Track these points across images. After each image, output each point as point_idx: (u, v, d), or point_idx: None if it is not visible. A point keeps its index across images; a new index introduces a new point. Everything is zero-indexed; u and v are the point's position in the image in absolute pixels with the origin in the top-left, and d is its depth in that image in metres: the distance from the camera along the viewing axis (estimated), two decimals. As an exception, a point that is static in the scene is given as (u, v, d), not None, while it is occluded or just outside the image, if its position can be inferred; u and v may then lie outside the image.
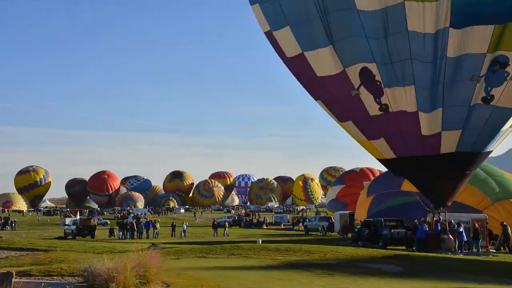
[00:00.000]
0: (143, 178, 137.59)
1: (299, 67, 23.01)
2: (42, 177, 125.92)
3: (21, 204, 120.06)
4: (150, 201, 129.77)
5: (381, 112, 22.27)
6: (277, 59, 24.11)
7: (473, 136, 22.24)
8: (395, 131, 22.82)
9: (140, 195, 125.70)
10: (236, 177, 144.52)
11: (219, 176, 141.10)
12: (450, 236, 25.25)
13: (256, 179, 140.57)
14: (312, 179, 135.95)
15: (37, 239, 37.40)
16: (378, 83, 21.45)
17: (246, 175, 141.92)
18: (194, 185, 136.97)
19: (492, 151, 23.73)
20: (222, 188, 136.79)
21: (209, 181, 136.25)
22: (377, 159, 25.24)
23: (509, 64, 20.27)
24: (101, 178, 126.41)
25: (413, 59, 20.44)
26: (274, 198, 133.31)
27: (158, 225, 43.41)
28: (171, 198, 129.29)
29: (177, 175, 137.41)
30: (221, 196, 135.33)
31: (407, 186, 30.20)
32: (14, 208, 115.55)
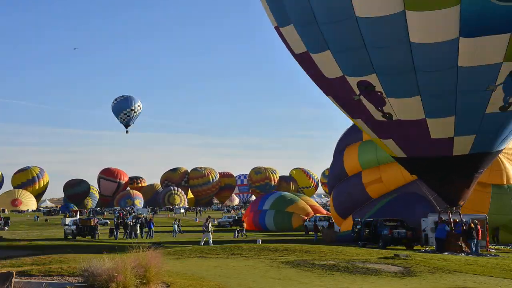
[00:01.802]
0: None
1: (307, 65, 22.47)
2: (38, 172, 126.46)
3: (30, 204, 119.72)
4: (150, 200, 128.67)
5: (385, 119, 21.71)
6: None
7: (487, 139, 21.65)
8: (403, 134, 22.21)
9: (138, 192, 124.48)
10: (237, 176, 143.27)
11: (222, 175, 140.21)
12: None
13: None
14: (302, 167, 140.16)
15: (37, 239, 37.42)
16: (379, 93, 20.62)
17: (248, 174, 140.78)
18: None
19: (503, 148, 23.45)
20: (218, 174, 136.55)
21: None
22: (391, 156, 24.92)
23: None
24: (112, 169, 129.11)
25: (418, 70, 19.36)
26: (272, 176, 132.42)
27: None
28: (175, 191, 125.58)
29: (170, 170, 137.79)
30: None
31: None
32: (23, 206, 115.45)
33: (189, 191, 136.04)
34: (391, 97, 20.61)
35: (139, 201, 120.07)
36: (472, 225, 25.50)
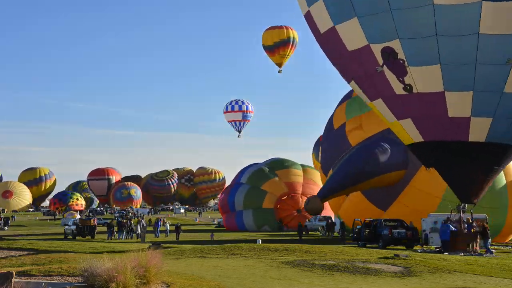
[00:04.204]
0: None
1: (332, 43, 22.63)
2: (47, 173, 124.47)
3: (23, 197, 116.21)
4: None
5: (406, 92, 21.51)
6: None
7: (504, 126, 21.19)
8: (421, 112, 21.98)
9: (134, 184, 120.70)
10: (226, 104, 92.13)
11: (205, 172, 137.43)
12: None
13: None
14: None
15: (37, 239, 37.42)
16: (401, 61, 20.69)
17: (239, 100, 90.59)
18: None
19: None
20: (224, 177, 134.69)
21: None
22: (407, 145, 24.45)
23: None
24: (100, 169, 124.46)
25: (439, 35, 19.39)
26: None
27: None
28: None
29: (175, 168, 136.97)
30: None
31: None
32: (14, 198, 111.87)
33: (183, 189, 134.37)
34: (413, 65, 20.59)
35: (134, 190, 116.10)
36: (487, 225, 25.75)
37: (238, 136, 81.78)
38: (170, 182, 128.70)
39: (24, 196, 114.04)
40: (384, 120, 24.62)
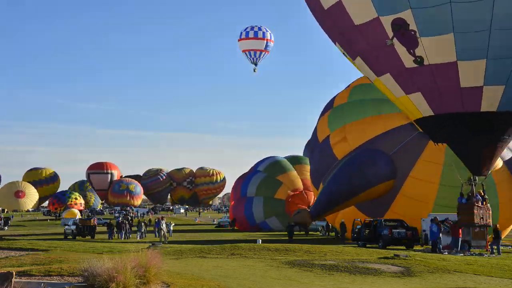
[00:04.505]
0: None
1: (337, 18, 22.20)
2: (53, 176, 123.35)
3: (31, 197, 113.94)
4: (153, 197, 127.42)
5: (416, 65, 21.22)
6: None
7: None
8: (432, 85, 21.64)
9: (133, 180, 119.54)
10: (245, 30, 66.95)
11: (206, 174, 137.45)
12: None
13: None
14: None
15: (37, 239, 37.41)
16: (412, 32, 20.33)
17: (262, 26, 65.42)
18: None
19: None
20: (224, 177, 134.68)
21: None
22: (414, 121, 24.25)
23: None
24: (100, 163, 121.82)
25: (453, 2, 19.06)
26: None
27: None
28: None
29: (176, 169, 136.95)
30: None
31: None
32: (25, 198, 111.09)
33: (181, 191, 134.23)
34: (424, 36, 20.31)
35: (134, 186, 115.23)
36: (499, 226, 26.23)
37: (254, 70, 60.80)
38: (159, 176, 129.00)
39: (32, 197, 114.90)
40: (389, 96, 24.31)
